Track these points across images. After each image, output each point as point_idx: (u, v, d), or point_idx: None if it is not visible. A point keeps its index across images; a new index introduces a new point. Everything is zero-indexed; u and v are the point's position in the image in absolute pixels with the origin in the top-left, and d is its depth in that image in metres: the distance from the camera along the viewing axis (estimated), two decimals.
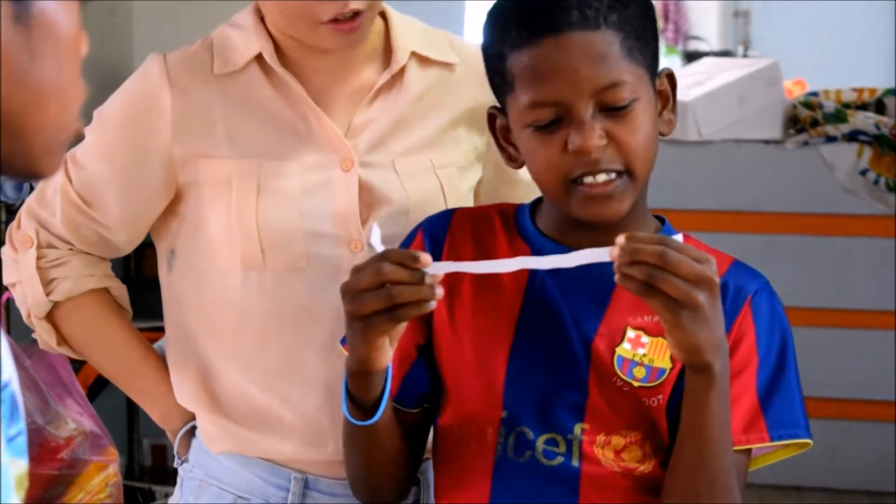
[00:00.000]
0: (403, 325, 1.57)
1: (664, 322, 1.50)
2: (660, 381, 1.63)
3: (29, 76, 1.03)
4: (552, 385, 1.64)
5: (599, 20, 1.57)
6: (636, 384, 1.63)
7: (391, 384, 1.67)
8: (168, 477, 4.26)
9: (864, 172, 4.78)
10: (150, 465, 4.58)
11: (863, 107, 4.94)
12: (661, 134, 1.65)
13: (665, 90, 1.67)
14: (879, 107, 4.95)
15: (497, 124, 1.69)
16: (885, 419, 4.80)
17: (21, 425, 1.03)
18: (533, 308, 1.66)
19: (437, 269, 1.53)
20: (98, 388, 3.82)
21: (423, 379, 1.71)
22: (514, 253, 1.67)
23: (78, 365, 3.15)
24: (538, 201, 1.73)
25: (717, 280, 1.49)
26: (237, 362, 1.91)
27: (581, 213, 1.60)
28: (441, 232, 1.72)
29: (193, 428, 1.98)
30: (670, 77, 1.68)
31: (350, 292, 1.54)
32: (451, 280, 1.65)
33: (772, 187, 4.87)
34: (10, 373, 1.02)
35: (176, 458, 2.02)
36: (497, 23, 1.64)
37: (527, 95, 1.59)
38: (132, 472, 4.50)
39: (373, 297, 1.52)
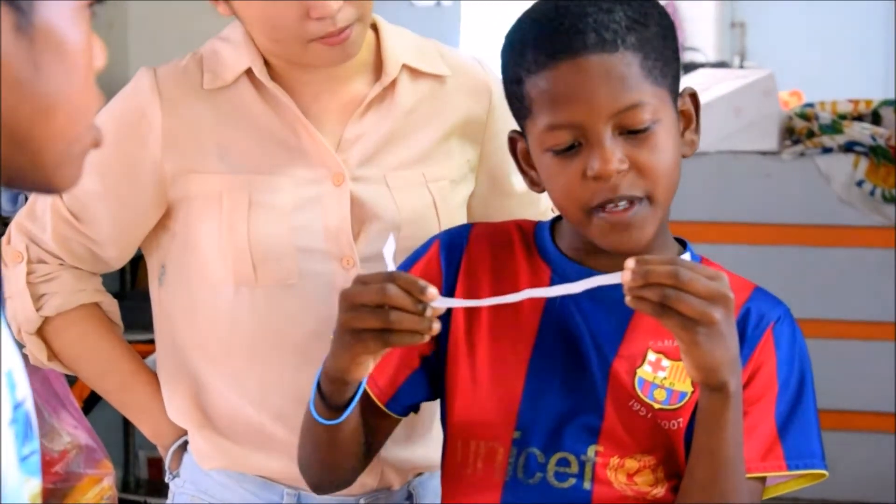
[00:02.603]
0: (388, 348, 1.55)
1: (680, 342, 1.48)
2: (680, 404, 1.62)
3: (33, 87, 1.01)
4: (568, 406, 1.62)
5: (617, 42, 1.55)
6: (657, 406, 1.61)
7: (386, 388, 1.67)
8: (164, 490, 4.23)
9: (860, 183, 4.77)
10: (146, 477, 4.57)
11: (859, 118, 4.93)
12: (683, 155, 1.61)
13: (687, 110, 1.64)
14: (875, 118, 4.94)
15: (518, 148, 1.67)
16: (883, 430, 4.79)
17: (35, 444, 1.01)
18: (551, 328, 1.64)
19: (441, 304, 1.51)
20: (93, 401, 3.80)
21: (421, 390, 1.70)
22: (533, 272, 1.65)
23: (72, 378, 3.13)
24: (558, 219, 1.71)
25: (731, 296, 1.48)
26: (229, 378, 1.89)
27: (602, 243, 1.58)
28: (459, 246, 1.70)
29: (185, 443, 1.97)
30: (693, 96, 1.64)
31: (349, 303, 1.52)
32: (470, 296, 1.64)
33: (768, 198, 4.86)
34: (25, 392, 1.00)
35: (167, 473, 2.01)
36: (514, 47, 1.61)
37: (544, 119, 1.57)
38: (128, 484, 4.48)
39: (370, 315, 1.50)
